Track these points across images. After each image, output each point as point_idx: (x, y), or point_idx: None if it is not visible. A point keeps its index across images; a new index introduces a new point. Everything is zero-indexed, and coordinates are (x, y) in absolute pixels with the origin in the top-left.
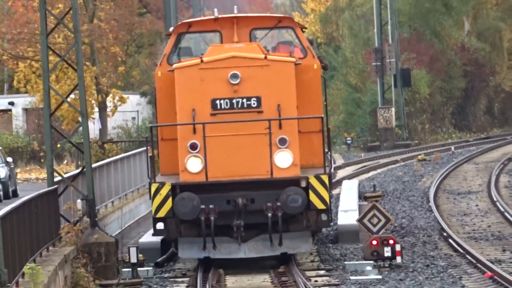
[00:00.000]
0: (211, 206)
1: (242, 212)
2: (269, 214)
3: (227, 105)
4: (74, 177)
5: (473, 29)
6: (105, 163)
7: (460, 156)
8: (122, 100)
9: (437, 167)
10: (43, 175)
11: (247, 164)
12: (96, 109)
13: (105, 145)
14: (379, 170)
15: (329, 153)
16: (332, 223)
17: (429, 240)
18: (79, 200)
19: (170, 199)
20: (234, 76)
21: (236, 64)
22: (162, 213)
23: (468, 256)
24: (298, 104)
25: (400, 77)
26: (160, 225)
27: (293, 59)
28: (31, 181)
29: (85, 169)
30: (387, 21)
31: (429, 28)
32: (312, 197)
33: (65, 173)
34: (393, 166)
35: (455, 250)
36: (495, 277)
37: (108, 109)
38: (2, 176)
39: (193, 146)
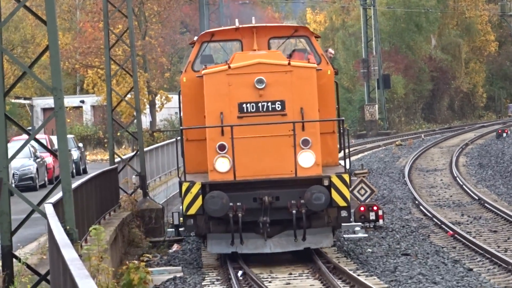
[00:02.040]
0: (238, 203)
1: (268, 209)
2: (294, 211)
3: (253, 108)
4: (130, 158)
5: (438, 44)
6: (154, 148)
7: (429, 142)
8: (168, 99)
9: (411, 150)
10: (106, 156)
11: (272, 164)
12: (148, 106)
13: (154, 133)
14: (366, 153)
15: (348, 152)
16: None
17: (405, 206)
18: (134, 176)
19: (200, 197)
20: (260, 81)
21: (261, 70)
22: (192, 211)
23: (434, 219)
24: None
25: (382, 81)
26: (190, 222)
27: (315, 65)
28: (97, 161)
29: (138, 152)
30: (372, 38)
31: (404, 43)
32: (334, 195)
33: (124, 155)
34: (376, 149)
35: (425, 215)
36: (456, 235)
37: (157, 106)
38: (74, 158)
39: (221, 147)
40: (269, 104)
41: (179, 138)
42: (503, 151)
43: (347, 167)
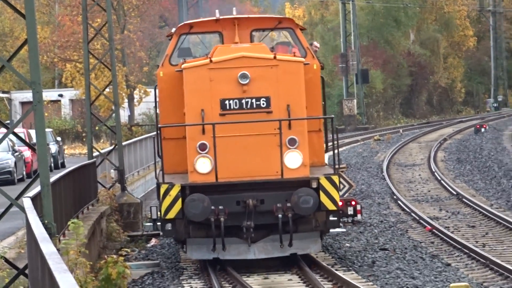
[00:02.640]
0: (220, 207)
1: (252, 213)
2: (279, 215)
3: (236, 105)
4: (109, 152)
5: (416, 39)
6: (132, 142)
7: (407, 137)
8: (146, 93)
9: (389, 145)
10: (85, 151)
11: (256, 165)
12: (126, 100)
13: (133, 127)
14: (344, 148)
15: (337, 152)
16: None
17: (383, 201)
18: (112, 170)
19: (179, 200)
20: (243, 76)
21: (245, 64)
22: (171, 215)
23: (412, 214)
24: None
25: (360, 75)
26: (168, 226)
27: (302, 59)
28: (76, 155)
29: (117, 146)
30: (351, 33)
31: (382, 38)
32: (323, 198)
33: (102, 149)
34: (355, 144)
35: (403, 209)
36: (434, 230)
37: (135, 100)
38: (53, 151)
39: (202, 147)
40: (254, 100)
41: (156, 131)
42: (481, 146)
43: (338, 166)
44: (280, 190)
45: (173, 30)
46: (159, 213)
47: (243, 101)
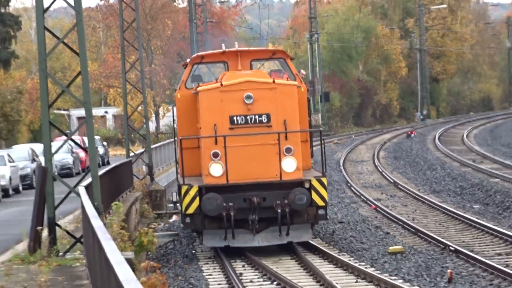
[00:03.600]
0: (230, 204)
1: (256, 208)
2: (279, 210)
3: (242, 120)
4: (141, 153)
5: (364, 69)
6: (158, 145)
7: (357, 140)
8: (168, 110)
9: (344, 147)
10: (123, 152)
11: (259, 169)
12: (154, 115)
13: (158, 135)
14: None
15: (324, 158)
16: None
17: (340, 187)
18: (143, 166)
19: (197, 199)
20: (248, 97)
21: (250, 87)
22: (191, 210)
23: (361, 196)
24: None
25: (323, 96)
26: (188, 219)
27: (296, 83)
28: (117, 156)
29: (147, 149)
30: (316, 65)
31: (339, 69)
32: (314, 196)
33: (136, 151)
34: (319, 146)
35: (355, 193)
36: (377, 208)
37: (160, 115)
38: (100, 153)
39: (215, 155)
40: (257, 116)
41: (175, 141)
42: (411, 147)
43: (325, 170)
44: (279, 190)
45: (188, 60)
46: (180, 210)
47: (248, 117)
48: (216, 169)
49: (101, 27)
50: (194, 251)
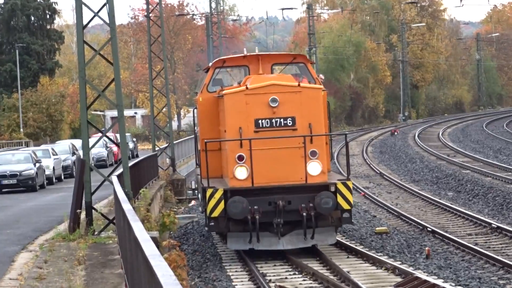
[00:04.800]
0: (255, 207)
1: (282, 211)
2: (304, 213)
3: (267, 124)
4: (165, 148)
5: (355, 77)
6: (180, 141)
7: (349, 138)
8: (188, 111)
9: (338, 142)
10: (150, 147)
11: (284, 172)
12: (176, 115)
13: (180, 133)
14: None
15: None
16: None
17: None
18: (167, 159)
19: (222, 202)
20: (274, 100)
21: (275, 90)
22: (216, 213)
23: (352, 185)
24: None
25: None
26: (212, 222)
27: (321, 87)
28: (145, 150)
29: (170, 144)
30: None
31: (333, 77)
32: (340, 199)
33: (161, 146)
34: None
35: None
36: (366, 195)
37: (181, 115)
38: (130, 147)
39: (240, 158)
40: (282, 120)
41: (195, 143)
42: (395, 143)
43: (349, 173)
44: (304, 193)
45: (210, 64)
46: (205, 211)
47: (273, 120)
48: (241, 172)
49: (131, 41)
50: (217, 250)
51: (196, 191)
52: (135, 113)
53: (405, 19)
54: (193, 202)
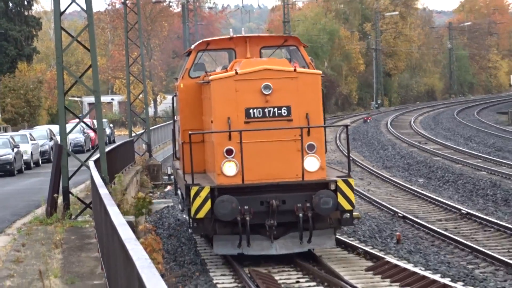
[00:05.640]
0: (246, 207)
1: (275, 212)
2: (300, 214)
3: (259, 113)
4: (141, 133)
5: (329, 65)
6: (156, 127)
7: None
8: (164, 98)
9: None
10: (127, 132)
11: (278, 168)
12: (152, 102)
13: (156, 119)
14: None
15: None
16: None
17: None
18: (143, 144)
19: (209, 201)
20: (267, 87)
21: (268, 76)
22: (201, 214)
23: None
24: None
25: None
26: (197, 224)
27: (320, 72)
28: (121, 135)
29: (146, 130)
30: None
31: None
32: (340, 199)
33: (137, 132)
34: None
35: None
36: None
37: (158, 102)
38: (108, 133)
39: (229, 152)
40: (276, 109)
41: (173, 132)
42: (367, 131)
43: (349, 170)
44: (300, 191)
45: (192, 47)
46: (187, 211)
47: (266, 110)
48: (230, 168)
49: (108, 28)
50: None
51: (172, 176)
52: (112, 99)
53: (379, 8)
54: (168, 187)
